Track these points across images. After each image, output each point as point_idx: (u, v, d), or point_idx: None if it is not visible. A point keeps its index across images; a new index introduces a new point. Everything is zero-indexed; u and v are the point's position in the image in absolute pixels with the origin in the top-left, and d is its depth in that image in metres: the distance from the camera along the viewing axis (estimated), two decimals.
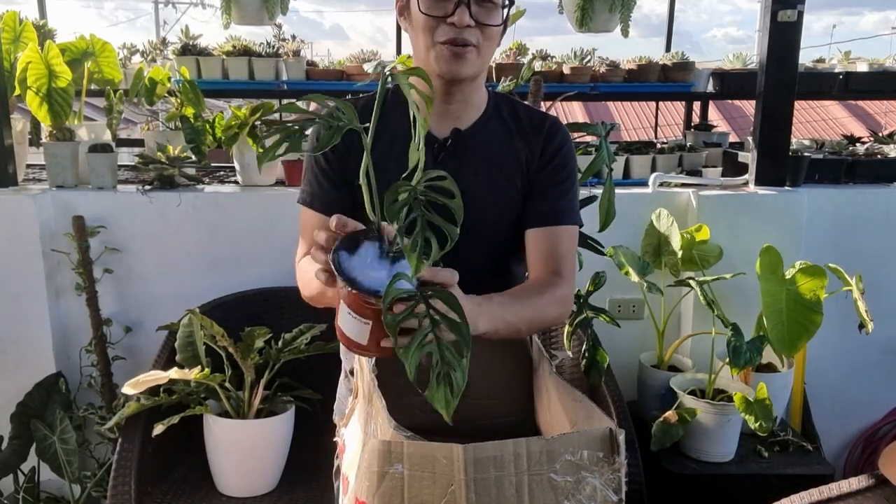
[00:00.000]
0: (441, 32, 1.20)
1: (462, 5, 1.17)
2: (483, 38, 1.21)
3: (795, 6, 2.22)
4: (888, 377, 2.56)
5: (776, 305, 1.93)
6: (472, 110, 1.32)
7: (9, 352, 2.25)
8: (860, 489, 1.38)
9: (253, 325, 1.94)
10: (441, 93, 1.27)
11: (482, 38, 1.21)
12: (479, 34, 1.20)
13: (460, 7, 1.17)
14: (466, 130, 1.31)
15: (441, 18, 1.19)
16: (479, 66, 1.24)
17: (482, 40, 1.21)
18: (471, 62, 1.22)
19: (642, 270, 2.14)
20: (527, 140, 1.33)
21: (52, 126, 2.34)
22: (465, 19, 1.17)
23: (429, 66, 1.23)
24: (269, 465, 1.90)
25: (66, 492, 2.21)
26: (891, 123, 6.49)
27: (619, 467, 0.92)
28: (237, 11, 2.64)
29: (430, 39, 1.21)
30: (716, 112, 7.75)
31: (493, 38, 1.23)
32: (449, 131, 1.30)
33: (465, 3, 1.17)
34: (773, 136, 2.34)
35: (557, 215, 1.30)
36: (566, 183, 1.33)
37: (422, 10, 1.20)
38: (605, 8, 2.58)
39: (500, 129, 1.33)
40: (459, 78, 1.24)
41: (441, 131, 1.31)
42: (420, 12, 1.20)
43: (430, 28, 1.20)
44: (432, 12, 1.19)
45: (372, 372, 1.06)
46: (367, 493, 0.92)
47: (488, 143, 1.31)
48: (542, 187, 1.31)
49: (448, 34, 1.19)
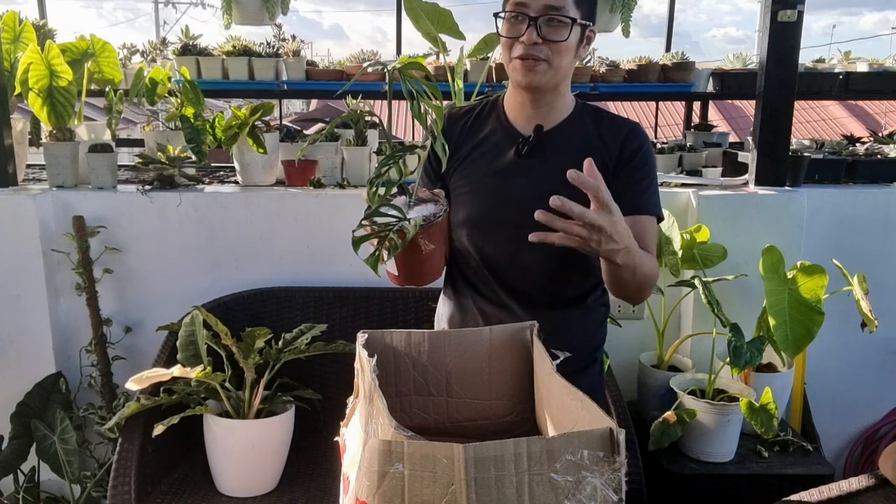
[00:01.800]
0: (516, 50, 1.38)
1: (531, 27, 1.34)
2: (552, 53, 1.36)
3: (795, 6, 2.22)
4: (888, 377, 2.56)
5: (779, 305, 1.94)
6: (557, 113, 1.47)
7: (9, 352, 2.25)
8: (860, 489, 1.39)
9: (253, 325, 1.94)
10: (527, 100, 1.44)
11: (551, 53, 1.36)
12: (548, 49, 1.36)
13: (529, 28, 1.35)
14: (549, 129, 1.45)
15: (515, 38, 1.37)
16: (551, 76, 1.39)
17: (552, 54, 1.36)
18: (541, 73, 1.37)
19: None
20: (606, 141, 1.45)
21: (52, 126, 2.34)
22: (531, 38, 1.35)
23: (511, 76, 1.42)
24: (269, 465, 1.90)
25: (66, 492, 2.21)
26: (891, 123, 6.49)
27: (620, 467, 0.92)
28: (237, 11, 2.64)
29: (508, 55, 1.40)
30: (716, 112, 7.75)
31: (562, 52, 1.37)
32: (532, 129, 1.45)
33: (533, 25, 1.34)
34: (773, 136, 2.34)
35: (641, 206, 1.41)
36: (646, 179, 1.44)
37: (500, 34, 1.40)
38: (606, 8, 2.59)
39: (580, 130, 1.46)
40: (533, 86, 1.40)
41: (526, 129, 1.46)
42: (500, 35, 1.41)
43: (508, 46, 1.39)
44: (509, 34, 1.38)
45: (373, 372, 1.06)
46: (368, 493, 0.92)
47: (568, 140, 1.45)
48: (623, 183, 1.41)
49: (520, 51, 1.37)
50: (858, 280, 1.99)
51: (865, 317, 1.95)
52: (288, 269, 2.35)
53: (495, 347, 1.26)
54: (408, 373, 1.25)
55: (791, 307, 1.94)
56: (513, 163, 1.45)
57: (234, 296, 2.25)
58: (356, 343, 1.20)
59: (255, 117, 2.36)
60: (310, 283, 2.32)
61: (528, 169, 1.43)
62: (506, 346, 1.27)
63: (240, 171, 2.45)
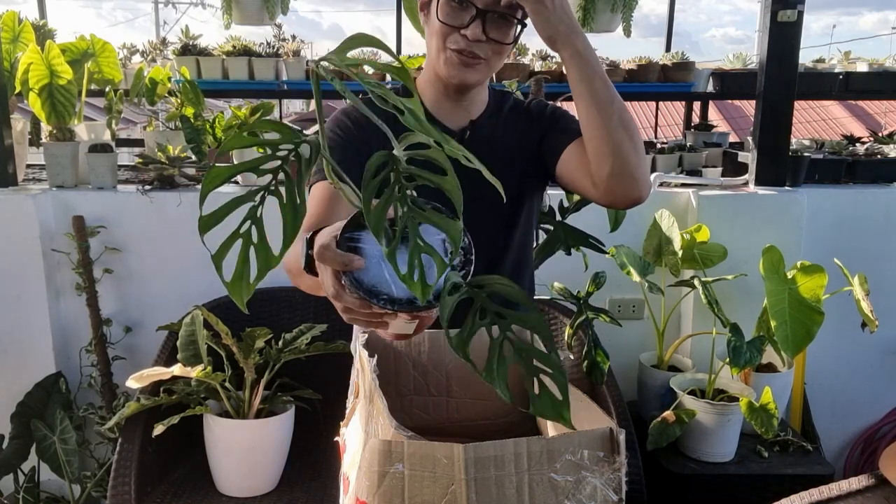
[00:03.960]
0: (453, 41, 1.23)
1: (478, 19, 1.20)
2: (492, 53, 1.25)
3: (795, 6, 2.22)
4: (888, 377, 2.56)
5: (779, 305, 1.93)
6: (480, 104, 1.39)
7: (9, 352, 2.25)
8: (860, 489, 1.38)
9: (253, 326, 1.94)
10: (452, 92, 1.32)
11: (491, 53, 1.24)
12: (489, 49, 1.23)
13: (475, 21, 1.20)
14: (478, 120, 1.38)
15: (456, 28, 1.22)
16: (485, 75, 1.29)
17: (492, 54, 1.25)
18: (477, 72, 1.26)
19: (643, 270, 2.14)
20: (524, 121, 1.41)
21: (52, 126, 2.34)
22: (477, 33, 1.20)
23: (438, 67, 1.27)
24: (269, 465, 1.90)
25: (66, 492, 2.21)
26: (891, 123, 6.49)
27: (620, 467, 0.92)
28: (237, 11, 2.64)
29: (442, 44, 1.25)
30: (716, 112, 7.75)
31: (502, 53, 1.27)
32: (466, 122, 1.36)
33: (480, 18, 1.20)
34: (773, 136, 2.34)
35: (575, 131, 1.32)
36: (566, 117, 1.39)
37: (439, 18, 1.23)
38: (607, 8, 2.58)
39: (503, 118, 1.41)
40: (464, 85, 1.28)
41: (455, 123, 1.36)
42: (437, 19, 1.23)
43: (444, 34, 1.23)
44: (449, 21, 1.22)
45: (373, 372, 1.06)
46: (368, 493, 0.92)
47: (498, 131, 1.38)
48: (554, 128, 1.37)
49: (459, 44, 1.23)
50: (859, 280, 1.99)
51: (866, 317, 1.95)
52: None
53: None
54: (408, 373, 1.25)
55: (791, 307, 1.94)
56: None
57: None
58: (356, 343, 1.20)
59: (255, 117, 2.36)
60: None
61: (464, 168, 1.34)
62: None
63: None
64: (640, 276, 2.08)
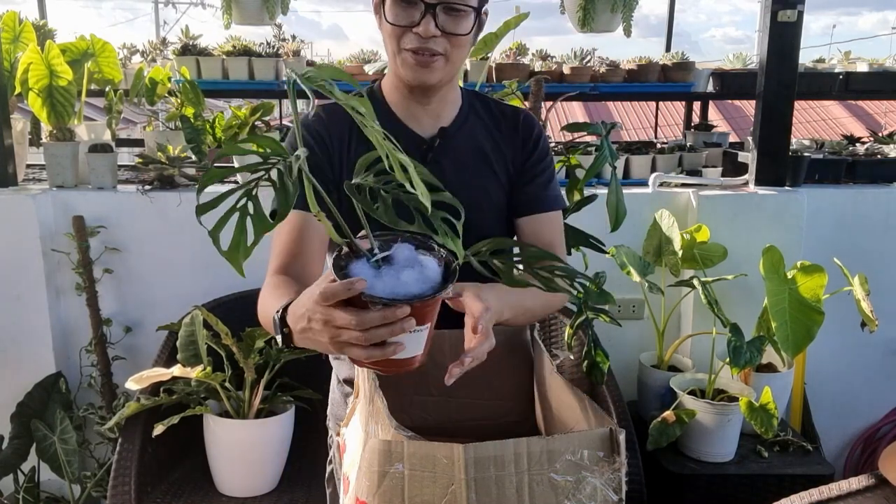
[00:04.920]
0: (407, 41, 1.18)
1: (428, 15, 1.15)
2: (451, 47, 1.19)
3: (795, 6, 2.22)
4: (888, 377, 2.56)
5: (780, 305, 1.93)
6: (451, 106, 1.33)
7: (9, 352, 2.25)
8: (860, 489, 1.38)
9: (253, 326, 1.94)
10: (417, 94, 1.27)
11: (450, 47, 1.19)
12: (447, 43, 1.18)
13: (426, 17, 1.15)
14: (450, 127, 1.32)
15: (407, 27, 1.17)
16: (447, 72, 1.23)
17: (450, 48, 1.19)
18: (437, 70, 1.20)
19: (643, 270, 2.14)
20: (505, 134, 1.35)
21: (52, 126, 2.34)
22: (430, 29, 1.15)
23: (397, 70, 1.23)
24: (269, 465, 1.90)
25: (66, 492, 2.21)
26: (891, 123, 6.49)
27: (620, 467, 0.92)
28: (237, 11, 2.64)
29: (396, 46, 1.20)
30: (716, 112, 7.74)
31: (462, 46, 1.21)
32: (435, 130, 1.31)
33: (430, 13, 1.15)
34: (773, 136, 2.34)
35: (546, 202, 1.35)
36: (548, 171, 1.37)
37: (388, 20, 1.18)
38: (607, 8, 2.58)
39: (479, 124, 1.35)
40: (426, 86, 1.23)
41: (425, 130, 1.31)
42: (387, 21, 1.19)
43: (397, 36, 1.19)
44: (398, 21, 1.17)
45: (374, 372, 1.06)
46: (368, 493, 0.92)
47: (471, 138, 1.33)
48: (527, 178, 1.34)
49: (413, 43, 1.18)
50: (859, 280, 1.99)
51: (866, 317, 1.95)
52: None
53: (495, 347, 1.26)
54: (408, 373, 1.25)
55: (791, 307, 1.94)
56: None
57: (234, 296, 2.25)
58: None
59: (255, 117, 2.36)
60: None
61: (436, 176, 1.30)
62: (505, 346, 1.27)
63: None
64: (640, 276, 2.08)
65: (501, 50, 2.85)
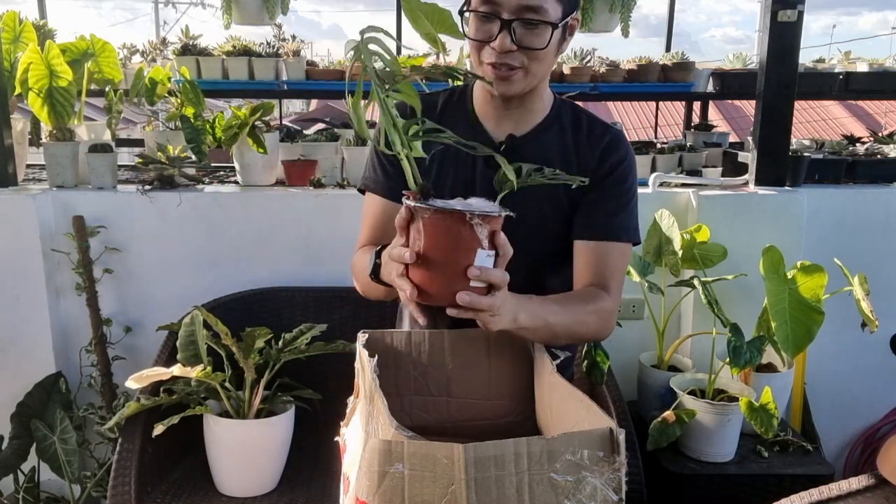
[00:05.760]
0: (486, 54, 1.20)
1: (504, 30, 1.15)
2: (529, 60, 1.19)
3: (795, 6, 2.22)
4: (888, 377, 2.56)
5: (780, 305, 1.94)
6: (532, 115, 1.31)
7: (9, 352, 2.25)
8: (860, 489, 1.38)
9: (253, 326, 1.94)
10: (497, 100, 1.29)
11: (528, 60, 1.19)
12: (524, 57, 1.19)
13: (502, 32, 1.15)
14: (522, 136, 1.31)
15: (485, 42, 1.18)
16: (527, 84, 1.23)
17: (529, 62, 1.19)
18: (517, 83, 1.22)
19: (644, 270, 2.14)
20: (583, 152, 1.31)
21: (52, 126, 2.34)
22: (505, 45, 1.16)
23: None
24: (269, 465, 1.90)
25: (66, 492, 2.21)
26: (891, 123, 6.49)
27: (620, 467, 0.92)
28: (237, 11, 2.64)
29: (477, 58, 1.22)
30: (716, 112, 7.75)
31: (540, 59, 1.20)
32: (504, 136, 1.31)
33: (507, 29, 1.15)
34: (773, 136, 2.34)
35: (610, 231, 1.29)
36: (622, 198, 1.31)
37: (468, 35, 1.20)
38: (606, 8, 2.59)
39: (556, 138, 1.32)
40: (507, 96, 1.25)
41: (498, 135, 1.31)
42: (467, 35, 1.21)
43: (477, 49, 1.21)
44: (477, 36, 1.19)
45: (374, 372, 1.06)
46: (368, 493, 0.92)
47: (542, 151, 1.30)
48: (594, 201, 1.29)
49: (491, 57, 1.19)
50: (859, 280, 1.99)
51: (866, 317, 1.95)
52: (288, 269, 2.35)
53: (495, 347, 1.26)
54: (408, 373, 1.25)
55: (791, 307, 1.94)
56: (479, 173, 1.29)
57: (234, 296, 2.25)
58: (356, 343, 1.20)
59: (255, 117, 2.36)
60: (310, 283, 2.32)
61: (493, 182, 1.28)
62: (506, 346, 1.27)
63: (240, 171, 2.45)
64: (640, 276, 2.08)
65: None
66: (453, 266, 0.98)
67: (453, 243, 0.98)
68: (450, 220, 0.97)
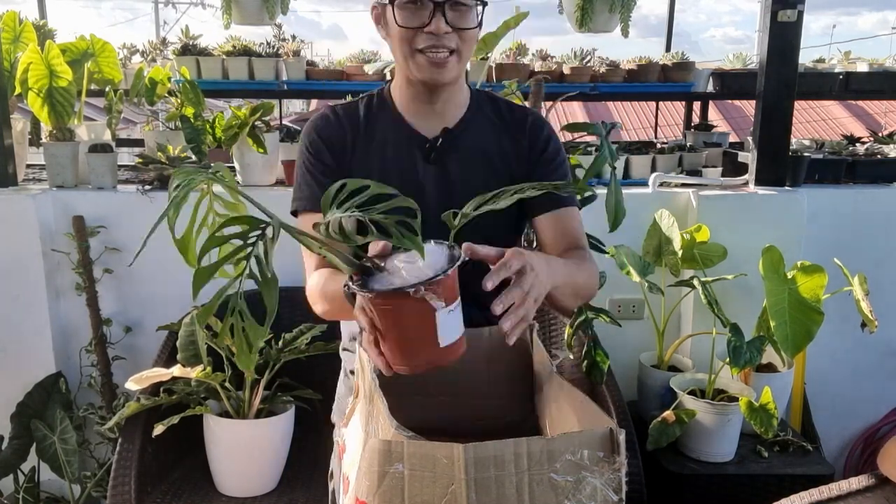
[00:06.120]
0: (419, 41, 1.22)
1: (437, 13, 1.19)
2: (461, 42, 1.24)
3: (795, 6, 2.22)
4: (888, 377, 2.56)
5: (779, 305, 1.94)
6: (457, 109, 1.35)
7: (9, 352, 2.25)
8: (860, 489, 1.39)
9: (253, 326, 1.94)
10: (424, 95, 1.31)
11: (461, 42, 1.24)
12: (457, 38, 1.23)
13: (436, 15, 1.19)
14: (454, 128, 1.34)
15: (418, 28, 1.21)
16: (459, 69, 1.27)
17: (461, 44, 1.24)
18: (451, 67, 1.25)
19: (643, 270, 2.14)
20: (512, 136, 1.37)
21: (52, 126, 2.34)
22: (441, 27, 1.20)
23: (410, 73, 1.27)
24: (269, 465, 1.90)
25: (66, 492, 2.21)
26: (891, 123, 6.49)
27: (620, 467, 0.92)
28: (237, 11, 2.64)
29: (408, 49, 1.24)
30: (716, 112, 7.74)
31: (470, 41, 1.26)
32: (439, 130, 1.34)
33: (439, 12, 1.19)
34: (773, 136, 2.34)
35: (563, 199, 1.35)
36: (561, 169, 1.38)
37: (399, 23, 1.22)
38: (605, 8, 2.58)
39: (485, 125, 1.37)
40: (441, 83, 1.27)
41: (429, 131, 1.34)
42: (397, 25, 1.22)
43: (409, 38, 1.23)
44: (409, 24, 1.21)
45: (373, 372, 1.06)
46: (368, 493, 0.92)
47: (476, 139, 1.35)
48: (542, 176, 1.34)
49: (426, 41, 1.22)
50: (859, 280, 1.99)
51: (866, 317, 1.95)
52: (288, 268, 2.34)
53: (495, 347, 1.26)
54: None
55: (791, 307, 1.94)
56: (422, 172, 1.32)
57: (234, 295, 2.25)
58: (356, 343, 1.20)
59: (255, 117, 2.36)
60: None
61: (440, 177, 1.32)
62: (505, 346, 1.26)
63: (240, 171, 2.45)
64: (640, 276, 2.08)
65: (501, 50, 2.85)
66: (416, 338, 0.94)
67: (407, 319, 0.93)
68: (395, 299, 0.92)
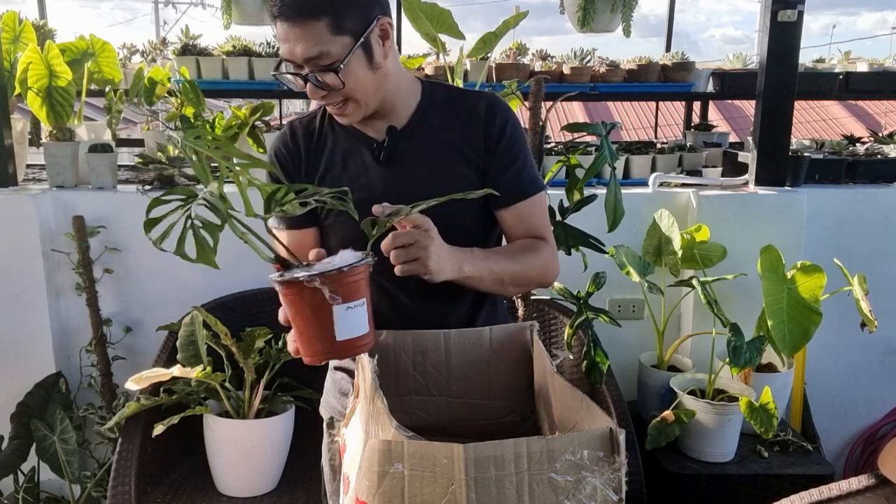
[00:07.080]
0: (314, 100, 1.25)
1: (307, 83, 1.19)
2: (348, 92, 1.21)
3: (795, 6, 2.22)
4: (888, 377, 2.56)
5: (777, 305, 1.94)
6: (404, 109, 1.32)
7: (9, 352, 2.25)
8: (860, 489, 1.38)
9: (253, 326, 1.94)
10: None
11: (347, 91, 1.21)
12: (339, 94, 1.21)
13: (307, 84, 1.20)
14: (403, 128, 1.31)
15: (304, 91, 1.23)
16: (366, 107, 1.26)
17: (348, 93, 1.21)
18: (352, 112, 1.25)
19: (643, 270, 2.14)
20: (466, 127, 1.31)
21: (52, 126, 2.34)
22: (316, 93, 1.21)
23: None
24: (269, 465, 1.90)
25: (66, 492, 2.21)
26: (891, 123, 6.49)
27: (620, 467, 0.92)
28: (237, 11, 2.64)
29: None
30: (716, 112, 7.74)
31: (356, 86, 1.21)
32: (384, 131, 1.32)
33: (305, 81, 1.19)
34: (773, 136, 2.34)
35: (523, 189, 1.32)
36: (521, 155, 1.33)
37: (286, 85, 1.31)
38: (607, 8, 2.58)
39: (437, 121, 1.32)
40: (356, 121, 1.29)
41: (377, 133, 1.32)
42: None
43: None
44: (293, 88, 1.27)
45: (374, 372, 1.06)
46: (368, 493, 0.92)
47: (429, 134, 1.31)
48: (499, 167, 1.31)
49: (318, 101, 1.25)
50: (859, 280, 1.99)
51: (865, 317, 1.95)
52: None
53: (495, 347, 1.26)
54: (408, 373, 1.25)
55: (789, 307, 1.94)
56: (374, 174, 1.30)
57: (234, 296, 2.25)
58: None
59: (255, 117, 2.36)
60: None
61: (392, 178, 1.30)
62: (505, 346, 1.27)
63: None
64: (640, 276, 2.08)
65: (501, 50, 2.85)
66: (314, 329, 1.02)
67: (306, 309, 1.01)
68: (295, 289, 1.01)
